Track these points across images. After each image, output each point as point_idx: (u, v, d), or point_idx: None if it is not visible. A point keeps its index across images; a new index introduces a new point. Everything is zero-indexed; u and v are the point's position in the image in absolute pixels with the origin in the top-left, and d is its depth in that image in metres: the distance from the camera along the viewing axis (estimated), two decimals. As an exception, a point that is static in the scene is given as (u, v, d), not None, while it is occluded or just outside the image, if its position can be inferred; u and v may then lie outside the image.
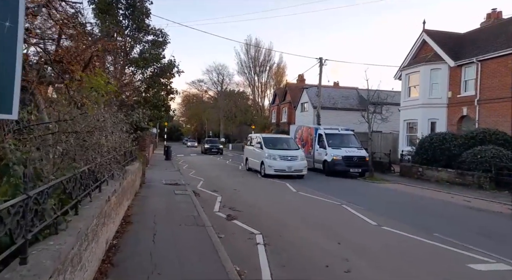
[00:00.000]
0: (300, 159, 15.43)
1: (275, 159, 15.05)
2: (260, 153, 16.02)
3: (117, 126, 4.86)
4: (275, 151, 15.51)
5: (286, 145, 16.67)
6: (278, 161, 14.97)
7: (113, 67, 9.37)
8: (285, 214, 8.02)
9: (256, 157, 16.53)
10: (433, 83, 19.66)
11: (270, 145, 16.02)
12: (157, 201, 8.68)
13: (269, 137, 17.87)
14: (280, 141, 17.15)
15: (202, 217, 7.19)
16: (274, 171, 14.74)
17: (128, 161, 8.88)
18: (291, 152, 15.83)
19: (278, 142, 16.85)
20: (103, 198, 4.50)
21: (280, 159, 15.03)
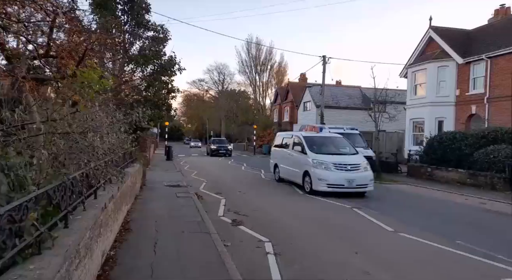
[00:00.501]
0: (364, 168, 10.69)
1: (327, 168, 10.43)
2: (300, 160, 11.56)
3: (114, 126, 4.42)
4: (325, 156, 10.89)
5: (339, 148, 12.11)
6: (333, 171, 10.36)
7: (111, 64, 8.94)
8: (293, 219, 7.57)
9: (295, 164, 12.04)
10: (441, 80, 19.20)
11: (316, 148, 11.60)
12: (158, 205, 8.24)
13: (313, 136, 13.14)
14: (330, 142, 12.56)
15: (206, 222, 6.75)
16: (327, 186, 10.20)
17: (128, 163, 8.45)
18: (350, 158, 11.15)
19: (326, 143, 12.34)
20: (98, 206, 4.06)
21: (335, 168, 10.43)
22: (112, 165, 5.31)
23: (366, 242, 5.91)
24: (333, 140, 12.87)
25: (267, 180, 14.51)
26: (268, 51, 62.15)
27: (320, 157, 10.91)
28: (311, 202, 9.68)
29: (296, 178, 11.79)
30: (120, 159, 6.82)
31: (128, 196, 7.34)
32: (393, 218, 7.61)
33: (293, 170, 12.06)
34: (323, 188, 10.25)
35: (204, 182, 13.48)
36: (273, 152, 15.00)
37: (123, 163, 7.25)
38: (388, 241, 6.02)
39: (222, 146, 32.90)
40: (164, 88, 10.52)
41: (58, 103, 3.46)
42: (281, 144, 14.12)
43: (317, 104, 32.66)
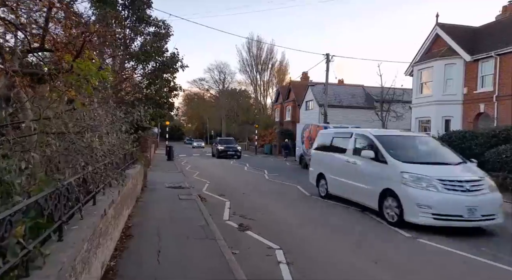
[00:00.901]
0: (489, 187, 6.85)
1: (431, 187, 6.57)
2: (374, 171, 7.70)
3: (114, 126, 4.06)
4: (422, 168, 7.01)
5: (436, 154, 8.09)
6: (442, 193, 6.48)
7: (111, 61, 8.57)
8: (303, 223, 7.22)
9: (361, 177, 8.13)
10: (448, 78, 18.80)
11: (400, 154, 7.61)
12: (160, 208, 7.89)
13: (392, 136, 8.62)
14: (417, 144, 8.62)
15: (211, 227, 6.39)
16: (432, 217, 6.35)
17: (129, 164, 8.10)
18: (460, 170, 7.24)
19: (414, 146, 8.45)
20: (97, 212, 3.70)
21: (445, 187, 6.53)
22: (113, 167, 4.96)
23: (383, 249, 5.55)
24: (422, 141, 8.77)
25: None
26: (269, 50, 61.81)
27: (415, 168, 6.89)
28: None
29: (363, 198, 7.89)
30: (121, 161, 6.46)
31: (129, 199, 6.99)
32: (408, 221, 7.24)
33: (357, 186, 8.07)
34: (425, 220, 6.33)
35: (206, 183, 13.13)
36: (316, 156, 10.74)
37: (124, 164, 6.89)
38: (408, 249, 5.64)
39: (231, 147, 28.87)
40: (166, 86, 10.16)
41: (53, 100, 3.10)
42: (329, 146, 9.95)
43: (320, 103, 32.27)
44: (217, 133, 64.84)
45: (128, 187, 6.81)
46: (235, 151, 28.36)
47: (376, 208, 7.50)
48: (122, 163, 6.78)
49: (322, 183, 10.05)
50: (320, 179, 10.18)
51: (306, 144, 20.29)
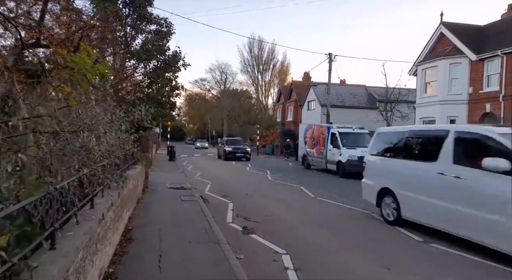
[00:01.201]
0: None
1: None
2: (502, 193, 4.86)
3: (114, 125, 3.84)
4: None
5: None
6: None
7: (112, 58, 8.35)
8: (309, 226, 6.98)
9: (483, 203, 5.17)
10: (452, 78, 18.52)
11: None
12: (162, 210, 7.67)
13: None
14: None
15: (214, 230, 6.17)
16: None
17: (130, 164, 7.88)
18: None
19: None
20: (95, 217, 3.48)
21: None
22: (112, 168, 4.74)
23: (396, 253, 5.30)
24: None
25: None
26: (271, 50, 61.58)
27: None
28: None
29: (483, 234, 5.11)
30: (121, 161, 6.25)
31: (129, 201, 6.77)
32: (421, 227, 7.00)
33: (468, 214, 5.32)
34: None
35: (209, 184, 12.91)
36: (375, 164, 8.16)
37: (124, 165, 6.67)
38: (422, 256, 5.40)
39: (239, 148, 26.09)
40: (167, 85, 9.95)
41: (45, 97, 2.88)
42: (401, 150, 7.30)
43: (322, 103, 32.04)
44: (218, 134, 64.62)
45: (129, 189, 6.60)
46: (244, 152, 25.54)
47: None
48: (123, 163, 6.57)
49: (387, 202, 7.21)
50: (383, 197, 7.35)
51: (309, 144, 20.06)
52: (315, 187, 12.03)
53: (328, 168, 17.43)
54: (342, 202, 9.36)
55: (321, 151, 18.24)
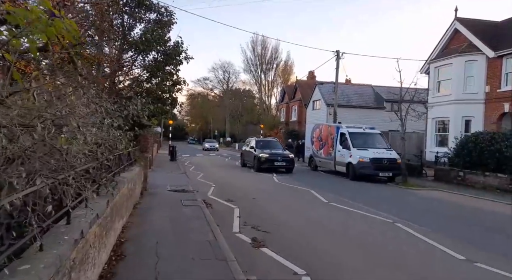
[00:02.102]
0: None
1: None
2: None
3: (97, 119, 3.04)
4: None
5: None
6: None
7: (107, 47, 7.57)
8: (328, 238, 6.17)
9: None
10: (468, 76, 17.66)
11: None
12: (161, 217, 6.87)
13: None
14: None
15: (220, 243, 5.36)
16: None
17: (125, 166, 7.09)
18: None
19: None
20: (70, 236, 2.68)
21: None
22: (99, 172, 3.95)
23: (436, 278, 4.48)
24: None
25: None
26: (274, 49, 60.89)
27: None
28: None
29: None
30: (114, 163, 5.46)
31: (124, 208, 5.98)
32: (452, 238, 6.16)
33: None
34: None
35: (212, 186, 12.11)
36: None
37: (118, 167, 5.89)
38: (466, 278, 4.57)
39: (278, 154, 17.44)
40: (168, 79, 9.15)
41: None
42: None
43: (328, 103, 31.20)
44: (220, 133, 63.84)
45: (123, 194, 5.81)
46: (287, 160, 16.97)
47: None
48: (116, 165, 5.78)
49: None
50: None
51: (316, 145, 19.22)
52: (325, 191, 11.20)
53: (336, 170, 16.59)
54: (358, 208, 8.52)
55: (329, 152, 17.40)
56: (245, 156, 19.91)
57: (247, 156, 19.45)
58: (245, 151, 19.94)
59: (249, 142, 20.63)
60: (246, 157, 19.63)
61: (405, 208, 9.03)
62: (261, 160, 17.14)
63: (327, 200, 9.60)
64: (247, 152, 19.43)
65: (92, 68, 6.19)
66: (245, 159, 19.84)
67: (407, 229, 6.59)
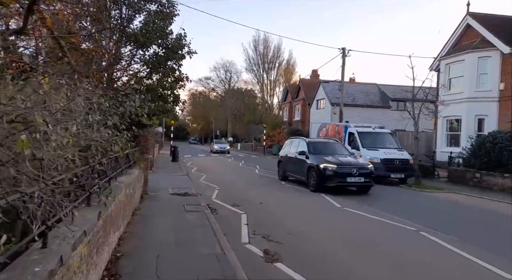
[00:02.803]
0: None
1: None
2: None
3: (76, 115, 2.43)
4: None
5: None
6: None
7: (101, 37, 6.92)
8: (346, 250, 5.53)
9: None
10: (481, 73, 16.99)
11: None
12: (162, 226, 6.26)
13: None
14: None
15: (229, 257, 4.74)
16: None
17: (123, 169, 6.48)
18: None
19: None
20: (42, 268, 2.06)
21: None
22: (89, 179, 3.34)
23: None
24: None
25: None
26: (276, 48, 60.33)
27: None
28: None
29: None
30: (110, 166, 4.85)
31: (120, 216, 5.36)
32: (486, 250, 5.52)
33: None
34: None
35: (216, 189, 11.50)
36: None
37: (114, 171, 5.27)
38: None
39: (353, 165, 11.12)
40: (170, 75, 8.52)
41: None
42: None
43: (332, 102, 30.59)
44: (222, 133, 63.27)
45: (120, 201, 5.20)
46: (364, 173, 10.96)
47: None
48: (113, 169, 5.17)
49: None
50: None
51: (323, 144, 18.53)
52: (336, 194, 10.56)
53: (345, 171, 15.90)
54: (375, 214, 7.87)
55: (337, 153, 16.72)
56: (287, 165, 13.55)
57: (291, 165, 13.18)
58: (288, 158, 13.52)
59: (292, 144, 13.94)
60: (289, 167, 13.35)
61: (426, 214, 8.38)
62: (326, 174, 10.62)
63: (340, 205, 8.95)
64: (292, 159, 12.90)
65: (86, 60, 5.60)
66: (287, 170, 13.53)
67: (435, 239, 5.92)
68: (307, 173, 11.44)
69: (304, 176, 11.73)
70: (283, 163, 14.21)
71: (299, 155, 12.41)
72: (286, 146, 14.83)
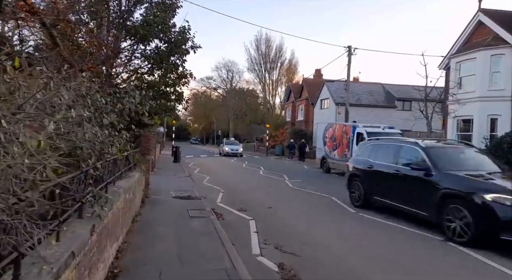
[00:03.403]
0: None
1: None
2: None
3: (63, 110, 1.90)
4: None
5: None
6: None
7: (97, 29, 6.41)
8: (372, 265, 4.99)
9: None
10: (494, 71, 16.35)
11: None
12: (164, 235, 5.73)
13: None
14: None
15: (240, 273, 4.20)
16: None
17: (123, 172, 5.96)
18: None
19: None
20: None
21: None
22: (80, 187, 2.82)
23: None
24: None
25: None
26: (278, 48, 59.95)
27: None
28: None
29: None
30: (107, 170, 4.32)
31: (119, 226, 4.83)
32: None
33: None
34: None
35: (220, 191, 10.98)
36: None
37: (112, 174, 4.74)
38: None
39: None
40: (173, 72, 7.99)
41: None
42: None
43: (336, 102, 30.01)
44: (223, 134, 62.80)
45: (118, 208, 4.66)
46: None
47: None
48: (111, 172, 4.64)
49: None
50: None
51: (329, 145, 18.03)
52: (348, 198, 10.01)
53: (353, 173, 15.33)
54: (395, 222, 7.31)
55: (344, 153, 16.19)
56: (375, 184, 8.38)
57: (386, 186, 8.06)
58: (375, 173, 8.40)
59: (379, 149, 8.80)
60: (382, 188, 8.17)
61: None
62: (499, 216, 5.48)
63: (355, 210, 8.41)
64: (390, 176, 7.84)
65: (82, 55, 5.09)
66: (376, 192, 8.28)
67: (469, 252, 5.37)
68: (438, 207, 6.30)
69: (427, 210, 6.62)
70: (363, 179, 8.67)
71: (410, 170, 7.20)
72: (364, 151, 9.32)
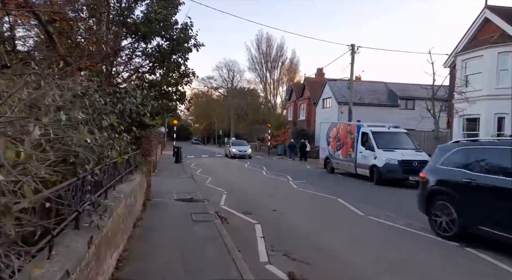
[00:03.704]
0: None
1: None
2: None
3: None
4: None
5: None
6: None
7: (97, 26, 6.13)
8: (388, 274, 4.71)
9: None
10: (501, 69, 16.06)
11: None
12: (167, 242, 5.45)
13: None
14: None
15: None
16: None
17: (123, 175, 5.69)
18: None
19: None
20: None
21: None
22: (77, 195, 2.55)
23: None
24: None
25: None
26: (279, 47, 59.69)
27: None
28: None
29: None
30: (107, 174, 4.06)
31: (119, 233, 4.56)
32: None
33: None
34: None
35: (223, 193, 10.71)
36: None
37: (112, 179, 4.47)
38: None
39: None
40: (175, 71, 7.72)
41: None
42: None
43: (339, 101, 29.74)
44: (224, 133, 62.53)
45: (119, 215, 4.40)
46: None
47: None
48: (111, 176, 4.38)
49: None
50: None
51: (333, 145, 17.74)
52: (355, 200, 9.75)
53: (358, 173, 15.10)
54: (407, 226, 7.03)
55: (349, 153, 15.91)
56: (480, 207, 5.46)
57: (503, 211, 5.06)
58: (477, 189, 5.51)
59: (503, 156, 5.38)
60: (491, 213, 5.24)
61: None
62: None
63: (364, 213, 8.11)
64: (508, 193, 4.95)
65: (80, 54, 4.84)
66: (481, 218, 5.41)
67: (493, 261, 5.09)
68: None
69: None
70: (458, 199, 5.89)
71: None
72: (451, 158, 6.40)
